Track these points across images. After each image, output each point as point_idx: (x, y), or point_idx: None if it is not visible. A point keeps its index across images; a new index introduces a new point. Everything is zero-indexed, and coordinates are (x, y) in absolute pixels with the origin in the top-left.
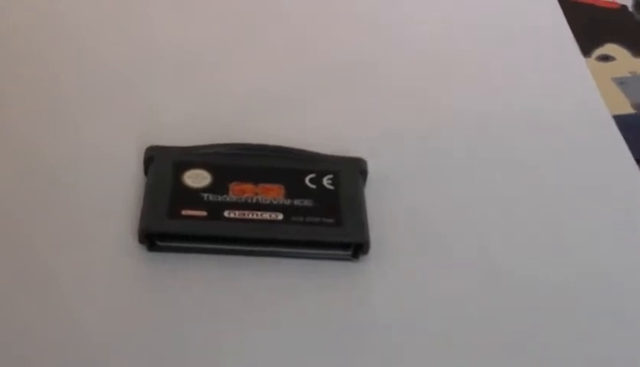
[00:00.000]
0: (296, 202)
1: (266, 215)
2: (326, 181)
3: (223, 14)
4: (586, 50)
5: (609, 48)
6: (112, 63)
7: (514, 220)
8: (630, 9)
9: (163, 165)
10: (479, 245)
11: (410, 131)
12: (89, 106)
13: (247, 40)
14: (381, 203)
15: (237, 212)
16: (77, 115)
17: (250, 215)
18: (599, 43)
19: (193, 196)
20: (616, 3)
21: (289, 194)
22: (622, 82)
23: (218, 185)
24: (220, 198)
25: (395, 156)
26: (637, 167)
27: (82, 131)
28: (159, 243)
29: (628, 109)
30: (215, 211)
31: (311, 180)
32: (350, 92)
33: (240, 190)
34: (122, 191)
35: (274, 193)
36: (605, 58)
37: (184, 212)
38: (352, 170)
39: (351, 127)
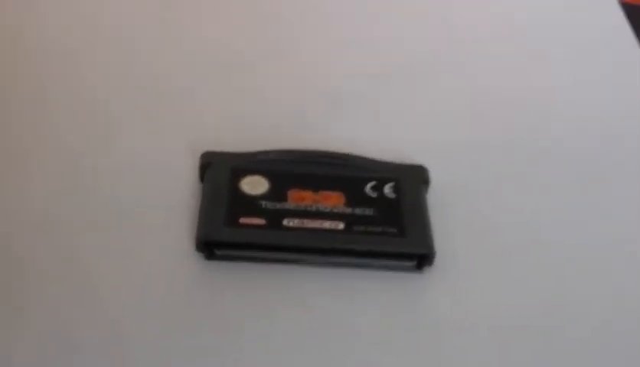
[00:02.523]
0: (357, 210)
1: (327, 224)
2: (387, 189)
3: (276, 17)
4: None
5: None
6: (161, 68)
7: (582, 230)
8: None
9: (220, 171)
10: (545, 256)
11: (472, 139)
12: (140, 112)
13: (302, 42)
14: (443, 213)
15: (297, 221)
16: (128, 122)
17: (310, 223)
18: None
19: (251, 204)
20: None
21: (350, 202)
22: None
23: (276, 192)
24: (278, 206)
25: (456, 164)
26: None
27: (133, 138)
28: (217, 252)
29: None
30: (274, 219)
31: (372, 188)
32: (410, 96)
33: (298, 198)
34: (178, 198)
35: (334, 200)
36: None
37: (242, 221)
38: (414, 179)
39: (411, 133)
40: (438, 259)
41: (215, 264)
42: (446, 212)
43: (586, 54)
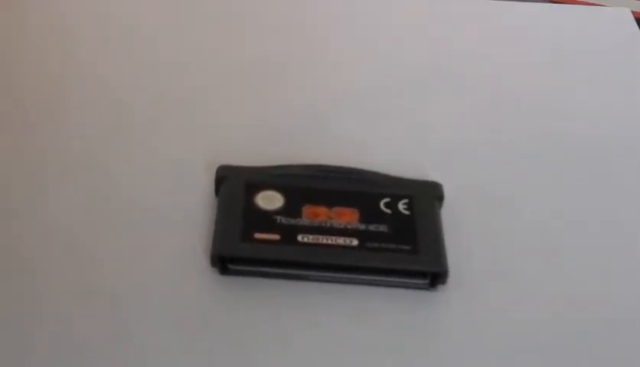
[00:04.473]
0: (371, 227)
1: (341, 241)
2: (402, 206)
3: (293, 30)
4: None
5: None
6: (180, 80)
7: (596, 245)
8: None
9: (235, 186)
10: (564, 273)
11: (487, 153)
12: (158, 124)
13: (317, 57)
14: (458, 229)
15: (311, 237)
16: (146, 133)
17: (324, 240)
18: None
19: (266, 219)
20: None
21: (364, 219)
22: None
23: (291, 207)
24: (292, 221)
25: (470, 179)
26: None
27: (151, 150)
28: (231, 267)
29: None
30: (288, 235)
31: (386, 205)
32: (423, 111)
33: (313, 213)
34: (193, 211)
35: (348, 217)
36: None
37: (257, 236)
38: (428, 196)
39: (426, 147)
40: (452, 277)
41: (229, 279)
42: (461, 227)
43: (601, 62)
